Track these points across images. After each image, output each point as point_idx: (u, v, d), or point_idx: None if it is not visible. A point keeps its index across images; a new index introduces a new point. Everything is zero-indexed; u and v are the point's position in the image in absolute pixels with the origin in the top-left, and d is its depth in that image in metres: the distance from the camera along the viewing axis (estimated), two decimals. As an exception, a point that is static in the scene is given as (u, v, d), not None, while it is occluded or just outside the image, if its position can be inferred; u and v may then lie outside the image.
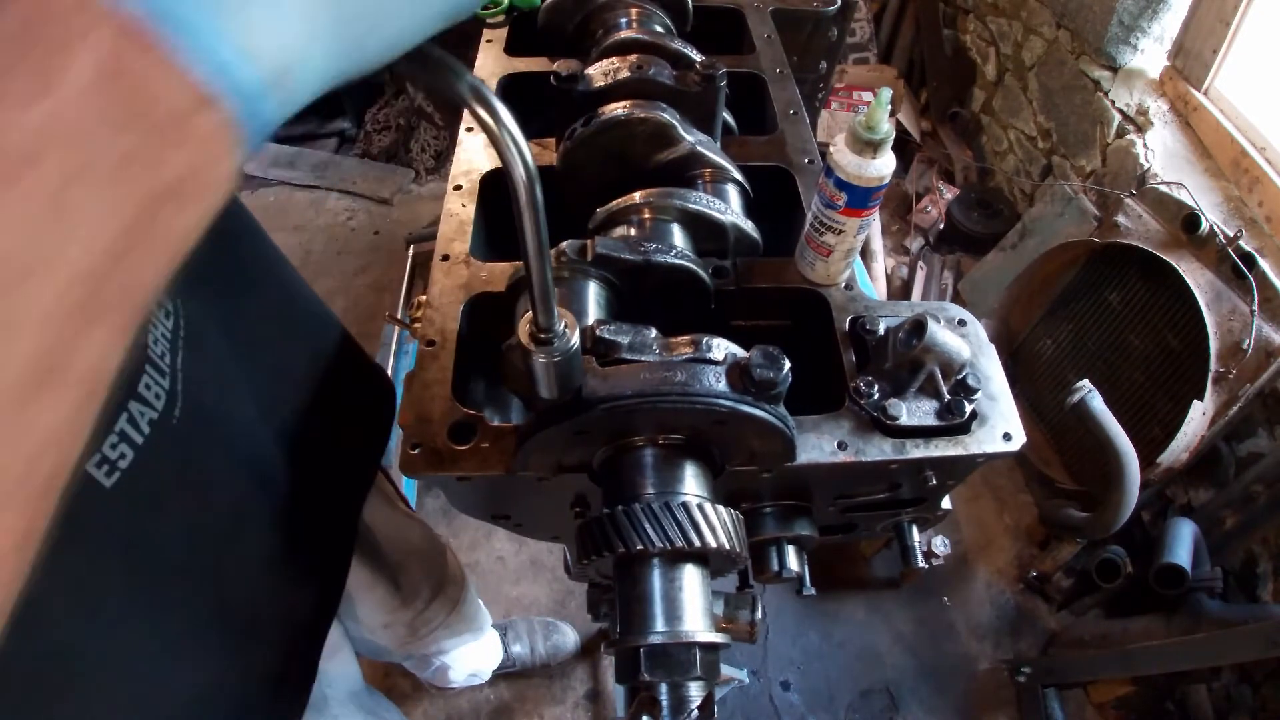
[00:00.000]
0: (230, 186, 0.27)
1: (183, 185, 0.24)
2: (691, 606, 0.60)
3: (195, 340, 0.60)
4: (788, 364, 0.60)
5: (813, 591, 0.89)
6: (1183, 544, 1.72)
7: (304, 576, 0.83)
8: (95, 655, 0.55)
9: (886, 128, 0.70)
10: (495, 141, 0.39)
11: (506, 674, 1.88)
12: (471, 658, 1.59)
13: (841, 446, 0.70)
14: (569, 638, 1.93)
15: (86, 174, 0.22)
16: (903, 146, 3.04)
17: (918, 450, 0.71)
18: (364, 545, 1.01)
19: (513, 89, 1.06)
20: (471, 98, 0.37)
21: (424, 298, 0.80)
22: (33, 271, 0.21)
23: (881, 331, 0.76)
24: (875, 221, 2.80)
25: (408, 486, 1.95)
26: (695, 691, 0.59)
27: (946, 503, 0.88)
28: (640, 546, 0.58)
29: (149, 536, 0.58)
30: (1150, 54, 2.24)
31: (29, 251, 0.21)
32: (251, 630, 0.75)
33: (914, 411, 0.71)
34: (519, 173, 0.41)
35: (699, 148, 0.87)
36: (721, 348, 0.63)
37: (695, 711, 0.58)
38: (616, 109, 0.84)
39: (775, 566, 0.83)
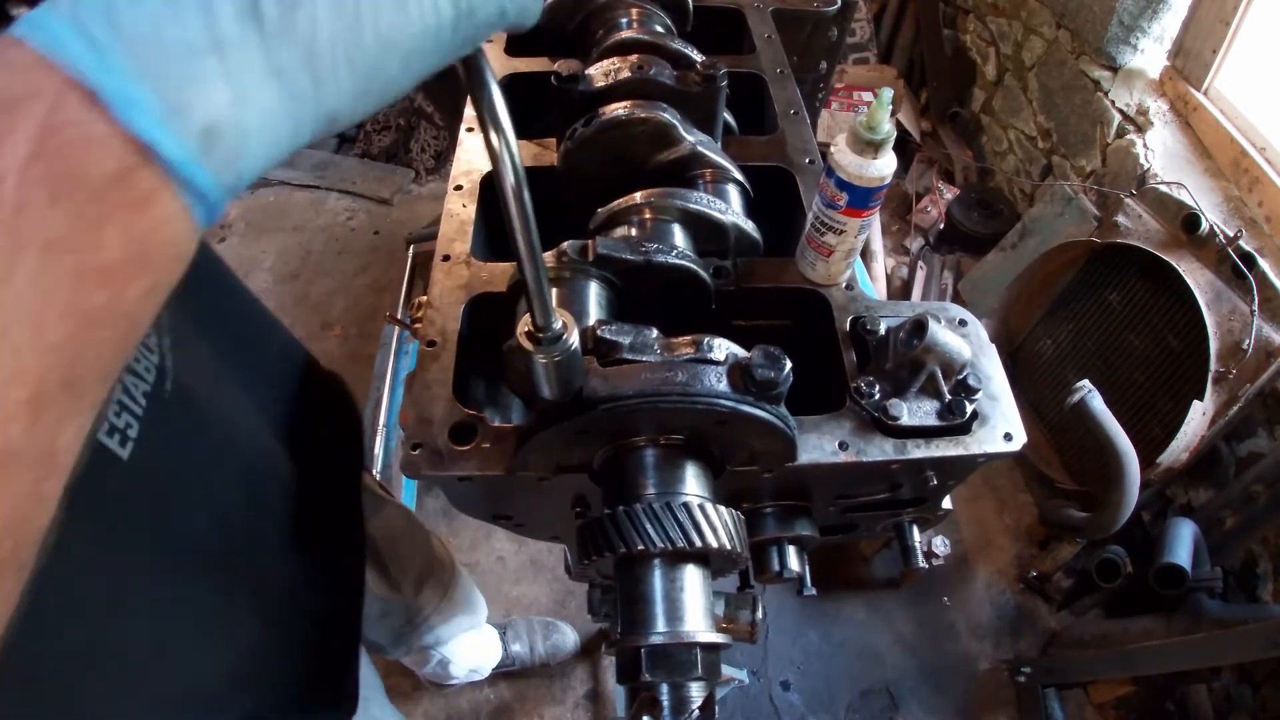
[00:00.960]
0: (187, 255, 0.25)
1: (126, 259, 0.23)
2: (692, 607, 0.60)
3: (180, 339, 0.61)
4: (789, 364, 0.60)
5: (813, 592, 0.89)
6: (1183, 544, 1.72)
7: (327, 553, 0.84)
8: (127, 634, 0.55)
9: (888, 128, 0.70)
10: (487, 144, 0.39)
11: (506, 673, 1.88)
12: (471, 652, 1.59)
13: (842, 447, 0.70)
14: (569, 638, 1.94)
15: (17, 266, 0.20)
16: (903, 146, 3.04)
17: (918, 450, 0.71)
18: None
19: (513, 89, 1.06)
20: (478, 91, 0.37)
21: (425, 298, 0.80)
22: None
23: (882, 331, 0.76)
24: (875, 221, 2.80)
25: (408, 486, 1.96)
26: (696, 692, 0.59)
27: (947, 503, 0.88)
28: (641, 547, 0.58)
29: (173, 512, 0.58)
30: (1150, 54, 2.24)
31: None
32: (285, 609, 0.76)
33: (915, 412, 0.71)
34: (508, 175, 0.41)
35: (699, 148, 0.87)
36: (722, 348, 0.63)
37: (696, 712, 0.58)
38: (617, 109, 0.84)
39: (776, 567, 0.83)
